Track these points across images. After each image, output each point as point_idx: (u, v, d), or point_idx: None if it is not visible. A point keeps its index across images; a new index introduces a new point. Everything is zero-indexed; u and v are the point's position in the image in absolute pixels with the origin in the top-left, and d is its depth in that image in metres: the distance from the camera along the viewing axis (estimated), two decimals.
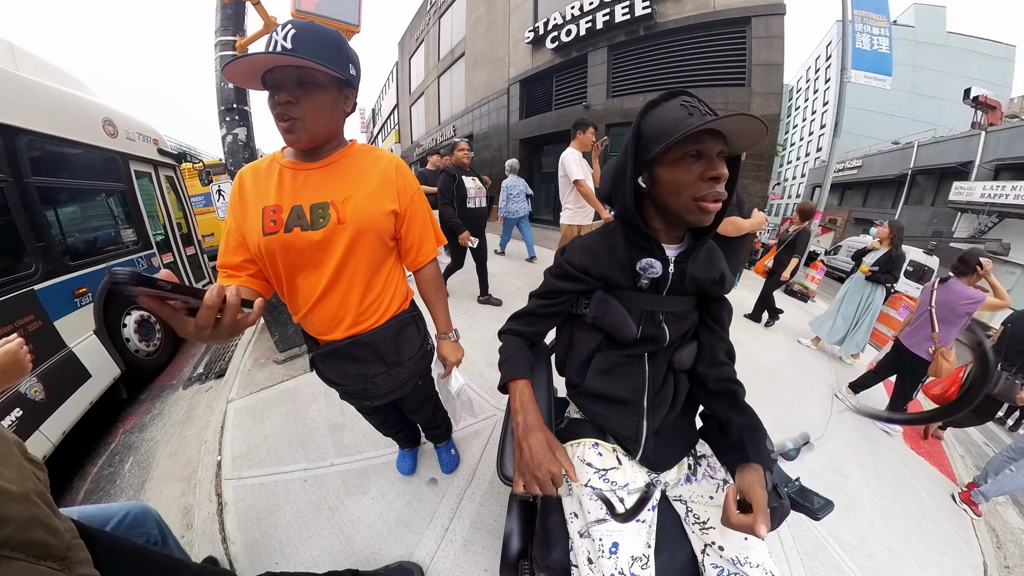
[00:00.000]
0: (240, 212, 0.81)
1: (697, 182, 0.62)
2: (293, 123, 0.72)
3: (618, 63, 8.39)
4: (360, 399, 1.05)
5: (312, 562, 1.27)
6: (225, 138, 2.17)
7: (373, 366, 0.97)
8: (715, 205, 0.62)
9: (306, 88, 0.71)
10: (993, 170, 12.55)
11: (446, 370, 1.14)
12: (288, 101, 0.70)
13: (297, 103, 0.71)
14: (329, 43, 0.72)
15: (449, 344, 1.11)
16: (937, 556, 1.52)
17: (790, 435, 0.89)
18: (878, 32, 4.96)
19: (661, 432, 0.81)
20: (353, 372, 0.97)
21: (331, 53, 0.72)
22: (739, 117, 0.57)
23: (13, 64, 2.25)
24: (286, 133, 0.74)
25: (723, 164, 0.61)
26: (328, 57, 0.70)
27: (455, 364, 1.13)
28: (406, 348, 1.01)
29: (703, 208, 0.63)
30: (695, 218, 0.65)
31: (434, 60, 16.05)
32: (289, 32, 0.68)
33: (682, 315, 0.80)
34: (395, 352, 0.98)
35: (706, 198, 0.62)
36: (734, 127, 0.59)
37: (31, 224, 1.99)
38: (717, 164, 0.61)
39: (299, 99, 0.71)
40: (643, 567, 0.64)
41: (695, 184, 0.62)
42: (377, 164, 0.86)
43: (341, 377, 0.98)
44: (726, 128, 0.59)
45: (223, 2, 2.04)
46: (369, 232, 0.83)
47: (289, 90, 0.70)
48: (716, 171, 0.60)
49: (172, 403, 2.48)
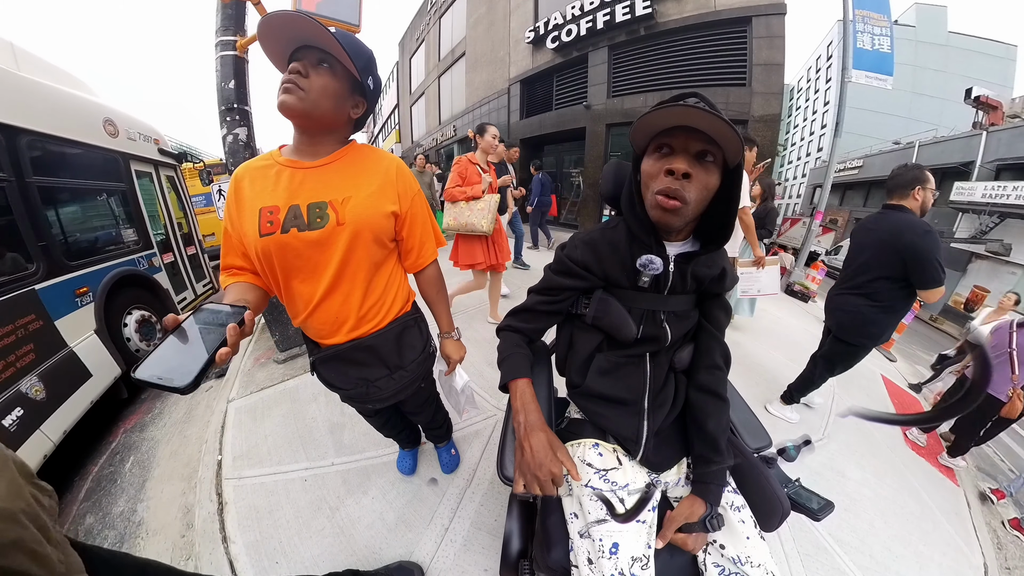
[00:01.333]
0: (236, 215, 0.80)
1: (659, 176, 0.62)
2: (296, 89, 0.72)
3: (619, 63, 8.38)
4: (362, 403, 1.04)
5: (312, 561, 1.27)
6: (226, 138, 2.18)
7: (375, 370, 0.96)
8: (666, 200, 0.61)
9: (320, 69, 0.73)
10: (994, 170, 12.52)
11: (449, 367, 1.16)
12: (299, 72, 0.71)
13: (307, 76, 0.72)
14: (363, 51, 0.77)
15: (452, 343, 1.12)
16: (938, 557, 1.52)
17: (790, 437, 0.89)
18: (879, 32, 4.95)
19: (661, 432, 0.81)
20: (355, 376, 0.96)
21: (360, 56, 0.75)
22: (680, 109, 0.56)
23: (14, 64, 2.25)
24: (284, 93, 0.72)
25: (681, 159, 0.60)
26: (356, 57, 0.74)
27: (458, 361, 1.14)
28: (408, 351, 1.00)
29: (658, 203, 0.62)
30: (655, 214, 0.65)
31: (434, 60, 16.04)
32: (334, 30, 0.72)
33: (684, 314, 0.79)
34: (397, 355, 0.97)
35: (661, 192, 0.62)
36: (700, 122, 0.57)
37: (32, 224, 1.99)
38: (675, 158, 0.61)
39: (310, 74, 0.72)
40: (643, 567, 0.64)
41: (657, 177, 0.63)
42: (378, 165, 0.85)
43: (343, 381, 0.97)
44: (687, 121, 0.58)
45: (223, 2, 2.04)
46: (369, 233, 0.81)
47: (306, 63, 0.72)
48: (670, 163, 0.60)
49: (173, 403, 2.48)
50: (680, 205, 0.61)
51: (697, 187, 0.61)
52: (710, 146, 0.60)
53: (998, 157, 12.45)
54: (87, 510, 1.71)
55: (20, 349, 1.78)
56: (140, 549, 1.48)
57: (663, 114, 0.59)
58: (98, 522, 1.63)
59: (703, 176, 0.61)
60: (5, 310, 1.75)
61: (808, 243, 5.59)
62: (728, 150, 0.60)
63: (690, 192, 0.61)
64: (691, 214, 0.64)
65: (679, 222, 0.65)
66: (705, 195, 0.63)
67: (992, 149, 12.78)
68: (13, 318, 1.79)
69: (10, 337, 1.74)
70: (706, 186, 0.62)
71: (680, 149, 0.61)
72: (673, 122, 0.60)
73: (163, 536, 1.50)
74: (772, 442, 0.90)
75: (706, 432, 0.77)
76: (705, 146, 0.60)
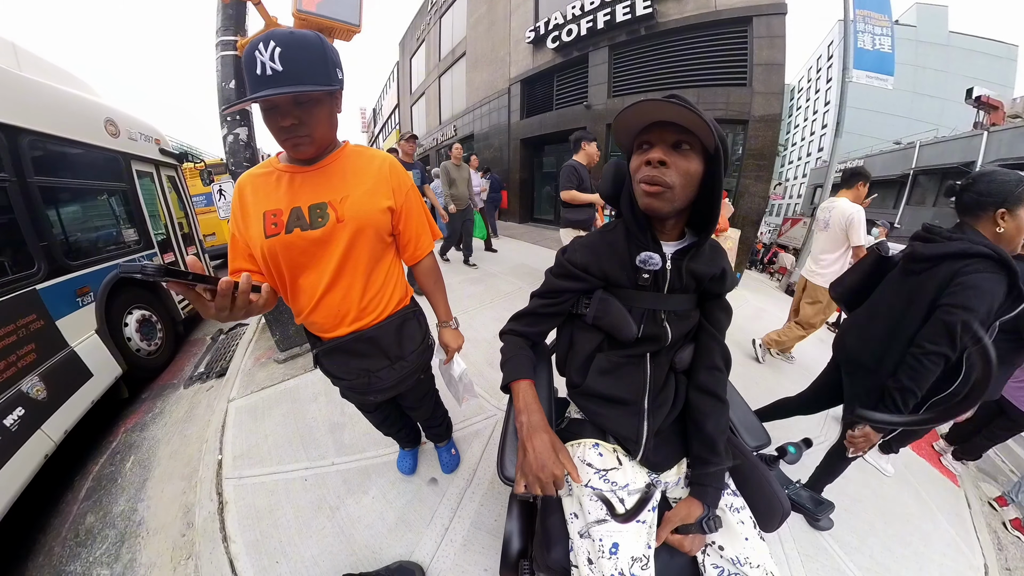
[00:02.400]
0: (242, 221, 0.84)
1: (641, 167, 0.67)
2: (300, 139, 0.75)
3: (619, 63, 8.37)
4: (363, 394, 1.06)
5: (312, 561, 1.27)
6: (226, 138, 2.18)
7: (376, 360, 0.99)
8: (647, 186, 0.66)
9: (304, 106, 0.73)
10: None
11: (448, 356, 1.20)
12: (293, 124, 0.72)
13: (300, 122, 0.73)
14: (316, 56, 0.71)
15: (450, 331, 1.16)
16: (938, 557, 1.52)
17: (791, 438, 0.89)
18: (880, 32, 4.95)
19: (662, 433, 0.81)
20: (357, 367, 0.99)
21: (320, 67, 0.72)
22: (648, 104, 0.61)
23: (16, 64, 2.25)
24: (294, 149, 0.77)
25: (657, 149, 0.65)
26: (319, 73, 0.71)
27: (456, 350, 1.18)
28: (408, 342, 1.04)
29: (643, 191, 0.67)
30: (643, 202, 0.69)
31: (435, 60, 16.05)
32: (275, 51, 0.66)
33: (684, 314, 0.80)
34: (398, 346, 1.01)
35: (642, 181, 0.67)
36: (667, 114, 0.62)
37: (33, 224, 1.99)
38: (653, 150, 0.65)
39: (300, 118, 0.73)
40: (643, 568, 0.64)
41: (640, 168, 0.67)
42: (371, 164, 0.89)
43: (345, 372, 1.00)
44: (657, 115, 0.63)
45: (224, 2, 2.05)
46: (368, 229, 0.87)
47: (289, 112, 0.72)
48: (647, 155, 0.65)
49: (173, 402, 2.48)
50: (661, 189, 0.65)
51: (676, 172, 0.64)
52: (683, 135, 0.63)
53: (999, 157, 12.42)
54: (88, 509, 1.72)
55: (21, 349, 1.78)
56: (140, 548, 1.48)
57: (633, 111, 0.64)
58: (99, 521, 1.64)
59: (682, 162, 0.64)
60: (6, 310, 1.76)
61: (808, 243, 5.59)
62: (702, 136, 0.63)
63: (669, 176, 0.64)
64: (678, 200, 0.67)
65: (666, 207, 0.67)
66: (687, 180, 0.65)
67: (993, 149, 12.75)
68: (14, 318, 1.79)
69: (11, 337, 1.74)
70: (687, 171, 0.65)
71: (657, 142, 0.65)
72: (644, 119, 0.65)
73: (163, 535, 1.51)
74: (771, 441, 0.90)
75: (705, 433, 0.77)
76: (678, 136, 0.64)
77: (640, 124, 0.66)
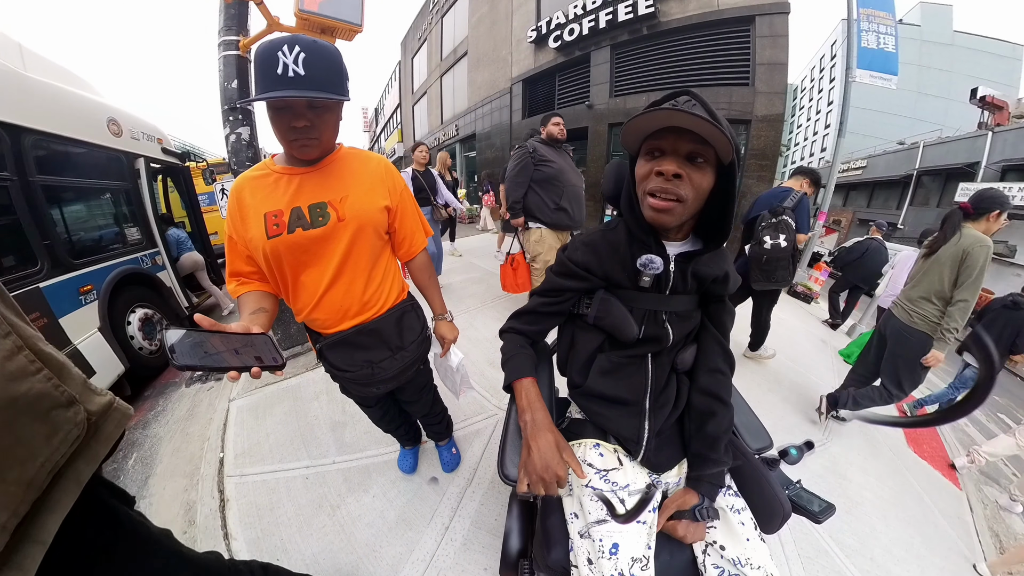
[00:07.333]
0: (240, 223, 0.85)
1: (650, 176, 0.63)
2: (309, 141, 0.78)
3: (621, 62, 8.37)
4: (366, 385, 1.08)
5: (313, 559, 1.28)
6: (229, 137, 2.19)
7: (379, 351, 1.02)
8: (657, 201, 0.62)
9: (318, 111, 0.77)
10: (1000, 171, 12.44)
11: (444, 348, 1.22)
12: (305, 126, 0.75)
13: (312, 125, 0.76)
14: (335, 67, 0.76)
15: (446, 324, 1.20)
16: (939, 560, 1.51)
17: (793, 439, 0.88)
18: (884, 31, 4.91)
19: (663, 433, 0.81)
20: (360, 358, 1.01)
21: (337, 77, 0.76)
22: (666, 112, 0.57)
23: (21, 65, 2.26)
24: (301, 150, 0.79)
25: (670, 160, 0.61)
26: (336, 83, 0.76)
27: (452, 341, 1.22)
28: (408, 333, 1.07)
29: (650, 204, 0.64)
30: (649, 215, 0.66)
31: (436, 59, 16.06)
32: (300, 56, 0.70)
33: (686, 315, 0.79)
34: (398, 337, 1.05)
35: (651, 193, 0.63)
36: (687, 124, 0.57)
37: (37, 223, 2.00)
38: (664, 160, 0.61)
39: (312, 121, 0.76)
40: (643, 568, 0.64)
41: (648, 178, 0.63)
42: (367, 165, 0.93)
43: (349, 364, 1.02)
44: (674, 122, 0.58)
45: (226, 2, 2.05)
46: (368, 227, 0.90)
47: (303, 114, 0.75)
48: (659, 165, 0.61)
49: (175, 400, 2.49)
50: (671, 205, 0.62)
51: (689, 186, 0.61)
52: (700, 146, 0.59)
53: (1004, 158, 12.36)
54: None
55: None
56: None
57: (650, 117, 0.59)
58: None
59: (696, 176, 0.61)
60: None
61: (811, 244, 5.57)
62: (719, 149, 0.59)
63: (682, 190, 0.61)
64: (687, 212, 0.65)
65: (673, 221, 0.65)
66: (699, 193, 0.63)
67: (998, 150, 12.68)
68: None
69: None
70: (700, 185, 0.62)
71: (670, 151, 0.61)
72: (660, 125, 0.60)
73: None
74: (773, 443, 0.90)
75: (704, 433, 0.77)
76: (694, 147, 0.60)
77: (653, 128, 0.62)
